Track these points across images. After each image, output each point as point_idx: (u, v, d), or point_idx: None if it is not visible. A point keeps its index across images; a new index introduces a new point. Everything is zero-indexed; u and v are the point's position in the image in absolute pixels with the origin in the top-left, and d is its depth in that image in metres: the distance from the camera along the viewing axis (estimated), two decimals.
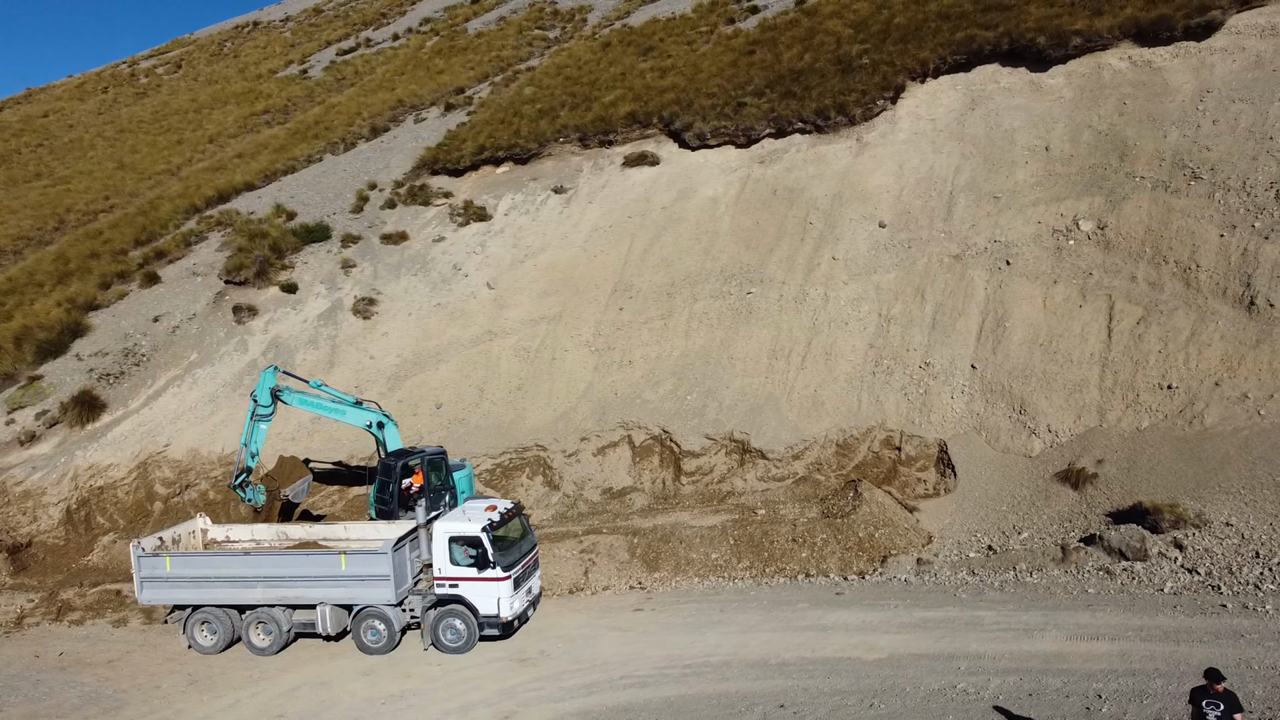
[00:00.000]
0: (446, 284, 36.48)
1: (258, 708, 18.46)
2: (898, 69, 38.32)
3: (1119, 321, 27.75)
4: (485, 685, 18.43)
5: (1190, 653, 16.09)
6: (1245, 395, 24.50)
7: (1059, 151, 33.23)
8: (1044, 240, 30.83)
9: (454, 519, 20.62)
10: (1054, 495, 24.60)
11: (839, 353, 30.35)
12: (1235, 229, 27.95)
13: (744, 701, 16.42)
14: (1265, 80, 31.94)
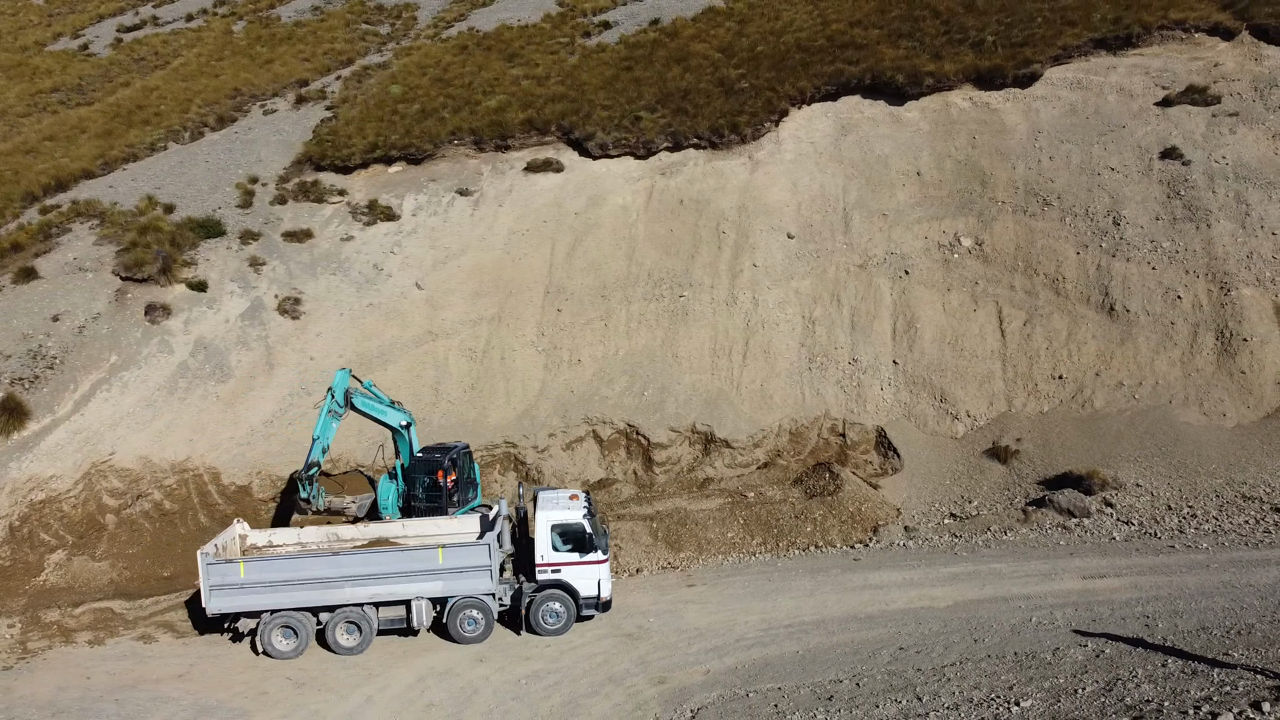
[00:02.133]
0: (372, 284, 36.40)
1: (398, 700, 19.10)
2: (780, 95, 42.50)
3: (1009, 324, 33.34)
4: (615, 659, 20.20)
5: (1181, 581, 21.03)
6: (1121, 383, 30.66)
7: (929, 177, 38.69)
8: (933, 253, 36.05)
9: (554, 509, 22.01)
10: (987, 469, 29.53)
11: (776, 351, 33.94)
12: (1087, 248, 34.40)
13: (865, 649, 19.47)
14: (1081, 125, 39.00)
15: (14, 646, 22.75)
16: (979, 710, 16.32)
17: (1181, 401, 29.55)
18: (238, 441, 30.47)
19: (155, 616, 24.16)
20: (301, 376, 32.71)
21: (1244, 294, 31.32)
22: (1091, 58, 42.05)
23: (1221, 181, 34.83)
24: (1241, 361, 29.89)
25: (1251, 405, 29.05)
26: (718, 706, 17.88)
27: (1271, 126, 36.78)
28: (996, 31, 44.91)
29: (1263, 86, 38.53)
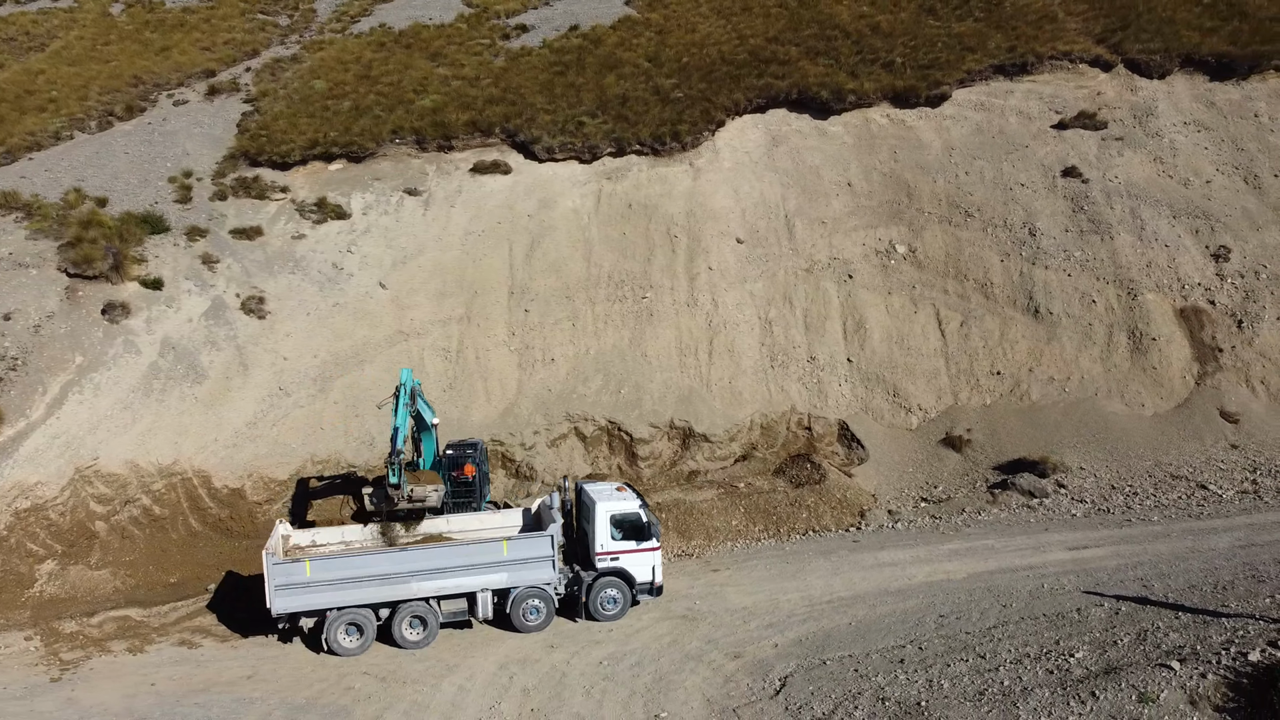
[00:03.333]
0: (334, 284, 36.18)
1: (491, 687, 19.91)
2: (716, 105, 44.66)
3: (947, 325, 36.64)
4: (683, 639, 21.67)
5: (1153, 548, 24.38)
6: (1052, 378, 34.39)
7: (859, 188, 41.76)
8: (871, 259, 39.04)
9: (611, 500, 23.19)
10: (944, 457, 32.58)
11: (739, 350, 36.02)
12: (1009, 256, 38.17)
13: (910, 618, 21.74)
14: (989, 143, 43.03)
15: (47, 658, 21.95)
16: (1040, 663, 18.78)
17: (1106, 394, 33.47)
18: (224, 444, 29.90)
19: (182, 622, 23.78)
20: (278, 377, 32.32)
21: (1148, 299, 35.66)
22: (992, 82, 46.22)
23: (1118, 199, 39.30)
24: (1152, 358, 34.11)
25: (1164, 396, 33.25)
26: (803, 674, 19.64)
27: (1152, 151, 41.70)
28: (904, 53, 48.54)
29: (1140, 114, 43.53)
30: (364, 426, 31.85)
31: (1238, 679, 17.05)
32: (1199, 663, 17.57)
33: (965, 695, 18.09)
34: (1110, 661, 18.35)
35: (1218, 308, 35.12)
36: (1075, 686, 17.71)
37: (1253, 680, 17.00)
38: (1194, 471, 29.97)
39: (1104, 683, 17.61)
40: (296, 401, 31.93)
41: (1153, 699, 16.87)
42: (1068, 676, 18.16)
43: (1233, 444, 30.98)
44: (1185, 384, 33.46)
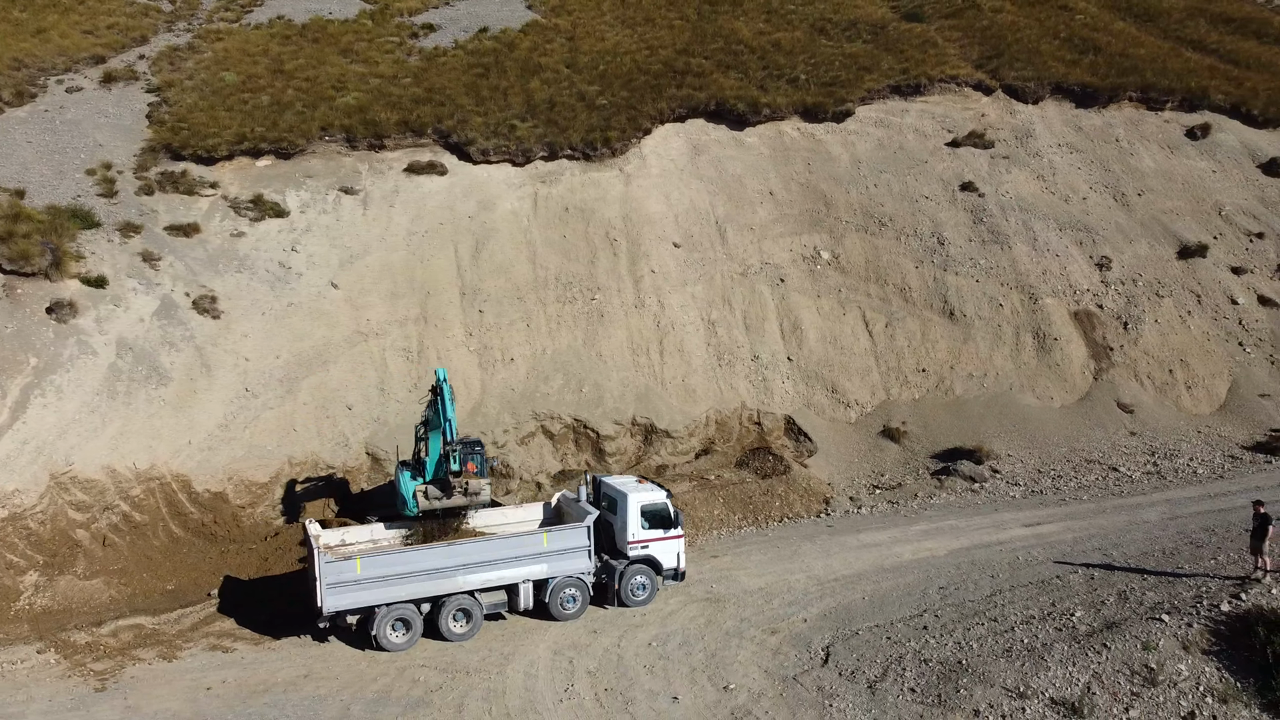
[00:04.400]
0: (284, 283, 35.66)
1: (557, 671, 20.89)
2: (641, 114, 46.37)
3: (873, 326, 39.72)
4: (717, 619, 23.30)
5: (1098, 522, 27.85)
6: (971, 374, 37.98)
7: (781, 197, 44.47)
8: (799, 264, 41.75)
9: (640, 491, 24.48)
10: (885, 447, 35.50)
11: (688, 349, 37.86)
12: (923, 263, 41.71)
13: (914, 590, 24.18)
14: (891, 158, 46.69)
15: (74, 670, 21.22)
16: (1048, 622, 21.51)
17: (1019, 388, 37.28)
18: (199, 447, 29.21)
19: (200, 628, 23.43)
20: (243, 378, 31.73)
21: (1047, 303, 39.86)
22: (889, 101, 50.01)
23: (1011, 212, 43.57)
24: (1055, 356, 38.22)
25: (1068, 390, 37.36)
26: (842, 644, 21.65)
27: (1035, 169, 46.36)
28: (807, 70, 51.76)
29: (1020, 136, 48.23)
30: (337, 428, 31.72)
31: (1216, 626, 20.22)
32: (1183, 615, 20.68)
33: (994, 653, 20.55)
34: (1107, 618, 21.24)
35: (1105, 311, 39.65)
36: (1086, 640, 20.46)
37: (1228, 626, 20.17)
38: (1104, 456, 33.99)
39: (1109, 636, 20.44)
40: (265, 403, 31.43)
41: (1153, 647, 19.80)
42: (1076, 632, 20.90)
43: (1131, 431, 35.26)
44: (1085, 379, 37.67)
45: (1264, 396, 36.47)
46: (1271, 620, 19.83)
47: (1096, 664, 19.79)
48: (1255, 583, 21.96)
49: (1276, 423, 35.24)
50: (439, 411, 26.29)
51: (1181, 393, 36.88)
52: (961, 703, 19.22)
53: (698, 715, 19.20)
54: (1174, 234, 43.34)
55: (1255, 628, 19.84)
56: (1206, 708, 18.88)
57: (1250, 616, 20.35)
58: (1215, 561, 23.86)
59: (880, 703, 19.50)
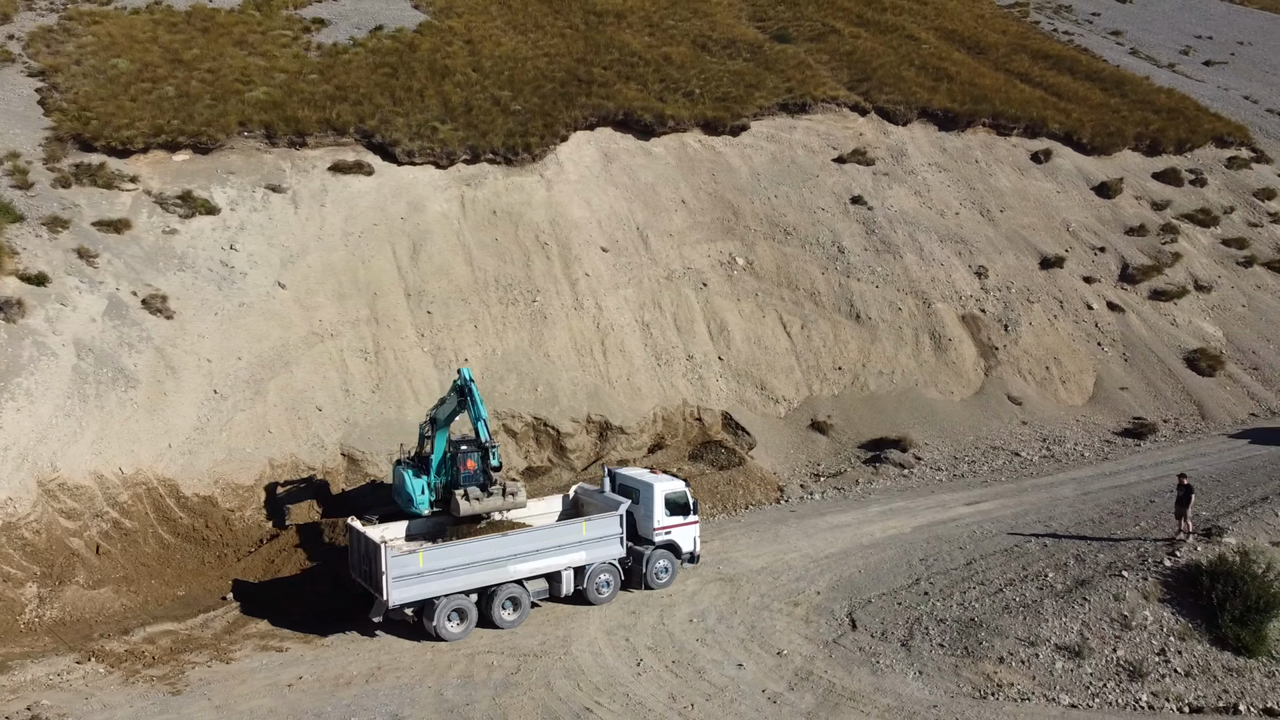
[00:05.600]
0: (230, 283, 34.94)
1: (619, 650, 22.38)
2: (557, 120, 47.84)
3: (791, 328, 43.00)
4: (739, 595, 25.44)
5: (1025, 499, 31.95)
6: (881, 372, 41.89)
7: (693, 205, 47.16)
8: (718, 270, 44.52)
9: (662, 481, 26.21)
10: (814, 439, 38.73)
11: (629, 350, 39.77)
12: (828, 270, 45.44)
13: (901, 562, 27.21)
14: (785, 172, 50.39)
15: (132, 676, 20.75)
16: (1029, 584, 25.02)
17: (924, 384, 41.46)
18: (180, 450, 28.50)
19: (236, 630, 23.32)
20: (209, 380, 31.08)
21: (939, 307, 44.39)
22: (777, 118, 53.70)
23: (898, 225, 48.04)
24: (951, 355, 42.71)
25: (965, 385, 41.89)
26: (861, 610, 24.32)
27: (912, 186, 51.17)
28: (700, 85, 54.74)
29: (895, 155, 53.05)
30: (310, 429, 31.58)
31: (1165, 579, 24.30)
32: (1137, 571, 24.65)
33: (996, 611, 23.79)
34: (1076, 577, 24.95)
35: (988, 315, 44.61)
36: (1068, 595, 24.04)
37: (1174, 579, 24.28)
38: (1004, 443, 38.54)
39: (1085, 591, 24.12)
40: (236, 405, 30.87)
41: (1122, 598, 23.59)
42: (1055, 590, 24.48)
43: (1023, 421, 40.07)
44: (978, 375, 42.33)
45: (1123, 389, 42.24)
46: (1212, 572, 24.01)
47: (1083, 614, 23.35)
48: (1181, 543, 26.26)
49: (1136, 411, 40.95)
50: (454, 410, 27.04)
51: (1058, 387, 42.13)
52: (986, 652, 22.26)
53: (766, 677, 21.24)
54: (1034, 247, 49.08)
55: (1201, 578, 23.96)
56: (1172, 645, 22.77)
57: (1191, 570, 24.51)
58: (1140, 527, 28.17)
59: (918, 657, 22.24)
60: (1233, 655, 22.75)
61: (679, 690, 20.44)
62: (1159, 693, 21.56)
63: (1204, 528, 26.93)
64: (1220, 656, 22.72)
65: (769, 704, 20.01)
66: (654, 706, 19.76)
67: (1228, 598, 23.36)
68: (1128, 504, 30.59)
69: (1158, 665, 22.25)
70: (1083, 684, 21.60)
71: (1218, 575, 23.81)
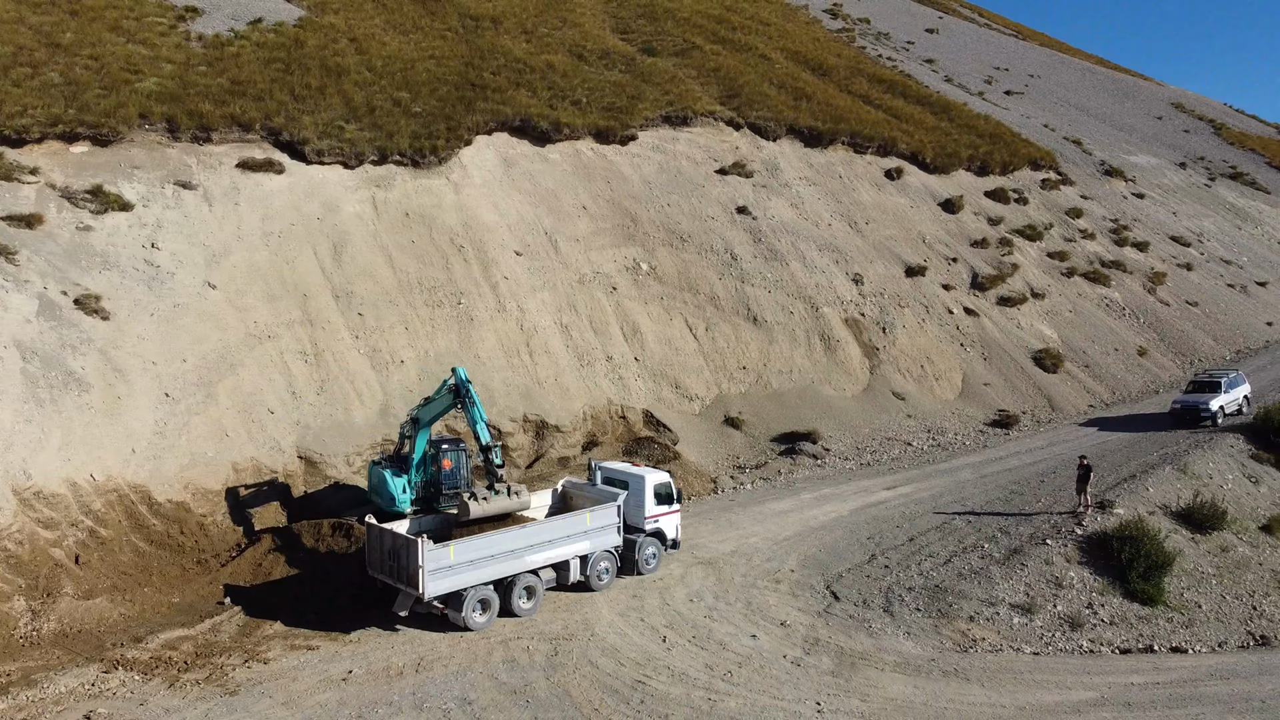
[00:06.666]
0: (160, 283, 33.83)
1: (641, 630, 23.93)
2: (460, 124, 48.54)
3: (696, 330, 45.67)
4: (724, 575, 27.55)
5: (934, 482, 35.84)
6: (781, 371, 45.24)
7: (594, 211, 49.09)
8: (625, 274, 46.62)
9: (652, 473, 27.93)
10: (730, 434, 41.50)
11: (553, 351, 41.17)
12: (724, 275, 48.48)
13: (853, 540, 30.20)
14: (673, 181, 53.23)
15: (173, 681, 20.49)
16: (972, 553, 28.57)
17: (820, 382, 45.08)
18: (146, 455, 27.69)
19: (253, 633, 23.15)
20: (159, 383, 30.19)
21: (825, 311, 48.26)
22: (661, 129, 56.46)
23: (781, 234, 51.72)
24: (839, 356, 46.60)
25: (855, 383, 45.83)
26: (837, 584, 27.02)
27: (788, 198, 55.10)
28: (585, 94, 56.73)
29: (770, 168, 56.90)
30: (266, 432, 31.22)
31: (1079, 545, 28.41)
32: (1057, 539, 28.69)
33: (953, 577, 27.12)
34: (1009, 547, 28.72)
35: (867, 318, 48.88)
36: (1007, 562, 27.72)
37: (1086, 544, 28.45)
38: (896, 434, 42.61)
39: (1020, 558, 27.88)
40: (189, 408, 30.12)
41: (1052, 562, 27.48)
42: (995, 559, 28.12)
43: (908, 414, 44.35)
44: (865, 373, 46.39)
45: (986, 385, 47.44)
46: (1120, 537, 28.30)
47: (1025, 577, 27.02)
48: (1084, 515, 30.59)
49: (999, 404, 46.15)
50: (443, 410, 27.76)
51: (933, 383, 46.81)
52: (957, 614, 25.45)
53: (779, 645, 23.49)
54: (898, 257, 53.97)
55: (1111, 543, 28.19)
56: (1096, 600, 26.78)
57: (1100, 537, 28.75)
58: (1043, 503, 32.44)
59: (902, 621, 25.14)
60: (1141, 605, 26.93)
61: (711, 661, 22.31)
62: (1095, 639, 25.36)
63: (1097, 501, 31.36)
64: (1132, 607, 26.86)
65: (795, 667, 22.22)
66: (697, 675, 21.53)
67: (1134, 558, 27.61)
68: (1023, 484, 34.93)
69: (1089, 617, 26.11)
70: (1037, 635, 25.11)
71: (1125, 540, 28.06)
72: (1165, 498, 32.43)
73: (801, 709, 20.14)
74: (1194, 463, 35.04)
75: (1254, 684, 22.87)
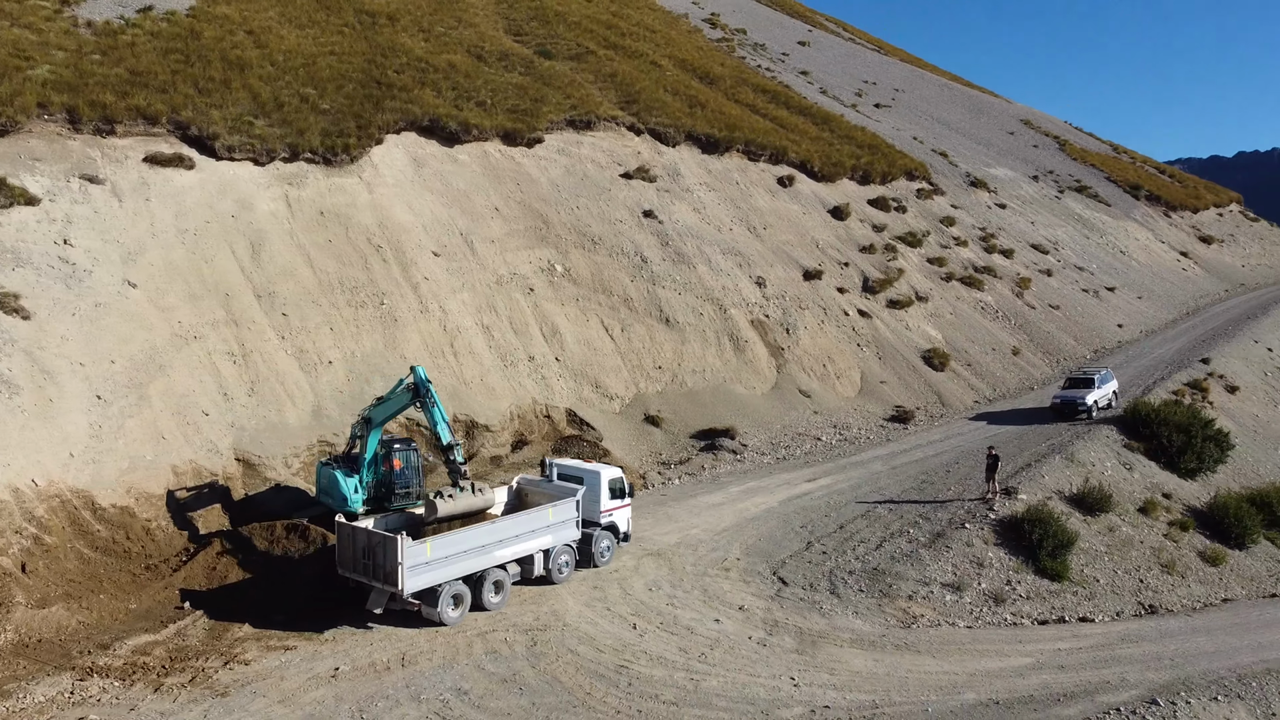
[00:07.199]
0: (78, 281, 32.61)
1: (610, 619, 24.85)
2: (371, 122, 48.21)
3: (612, 330, 46.80)
4: (676, 565, 28.73)
5: (849, 474, 38.06)
6: (694, 370, 46.86)
7: (507, 213, 49.63)
8: (540, 276, 47.35)
9: (607, 469, 28.80)
10: (650, 432, 42.81)
11: (477, 351, 41.51)
12: (636, 278, 49.81)
13: (788, 529, 31.92)
14: (580, 184, 54.30)
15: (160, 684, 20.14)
16: (900, 538, 30.71)
17: (730, 381, 46.88)
18: (85, 460, 26.79)
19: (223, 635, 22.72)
20: (89, 385, 29.21)
21: (733, 313, 50.17)
22: (565, 132, 57.36)
23: (687, 238, 53.41)
24: (748, 355, 48.56)
25: (763, 381, 47.85)
26: (782, 570, 28.60)
27: (691, 203, 56.88)
28: (489, 95, 57.12)
29: (671, 174, 58.59)
30: (202, 435, 30.57)
31: (994, 528, 30.97)
32: (974, 524, 31.16)
33: (888, 560, 29.13)
34: (934, 531, 31.01)
35: (771, 320, 51.04)
36: (933, 544, 29.97)
37: (999, 527, 31.04)
38: (806, 430, 44.79)
39: (944, 541, 30.18)
40: (123, 411, 29.21)
41: (971, 544, 29.89)
42: (921, 542, 30.33)
43: (814, 411, 46.64)
44: (772, 372, 48.47)
45: (883, 383, 50.31)
46: (1029, 520, 30.95)
47: (951, 559, 29.28)
48: (993, 501, 33.23)
49: (896, 401, 49.02)
50: (398, 410, 27.97)
51: (835, 382, 49.32)
52: (897, 593, 27.40)
53: (743, 627, 24.82)
54: (796, 261, 56.47)
55: (1022, 525, 30.81)
56: (1013, 577, 29.30)
57: (1010, 520, 31.37)
58: (953, 491, 35.00)
59: (849, 602, 26.89)
60: (1050, 581, 29.60)
61: (684, 645, 23.42)
62: (1016, 612, 27.77)
63: (1003, 488, 34.10)
64: (1043, 583, 29.50)
65: (761, 647, 23.58)
66: (674, 658, 22.61)
67: (1043, 539, 30.29)
68: (931, 474, 37.49)
69: (1009, 593, 28.55)
70: (967, 611, 27.32)
71: (1034, 522, 30.73)
72: (1059, 484, 35.47)
73: (779, 684, 21.49)
74: (1079, 452, 38.38)
75: (1159, 645, 25.61)
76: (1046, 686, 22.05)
